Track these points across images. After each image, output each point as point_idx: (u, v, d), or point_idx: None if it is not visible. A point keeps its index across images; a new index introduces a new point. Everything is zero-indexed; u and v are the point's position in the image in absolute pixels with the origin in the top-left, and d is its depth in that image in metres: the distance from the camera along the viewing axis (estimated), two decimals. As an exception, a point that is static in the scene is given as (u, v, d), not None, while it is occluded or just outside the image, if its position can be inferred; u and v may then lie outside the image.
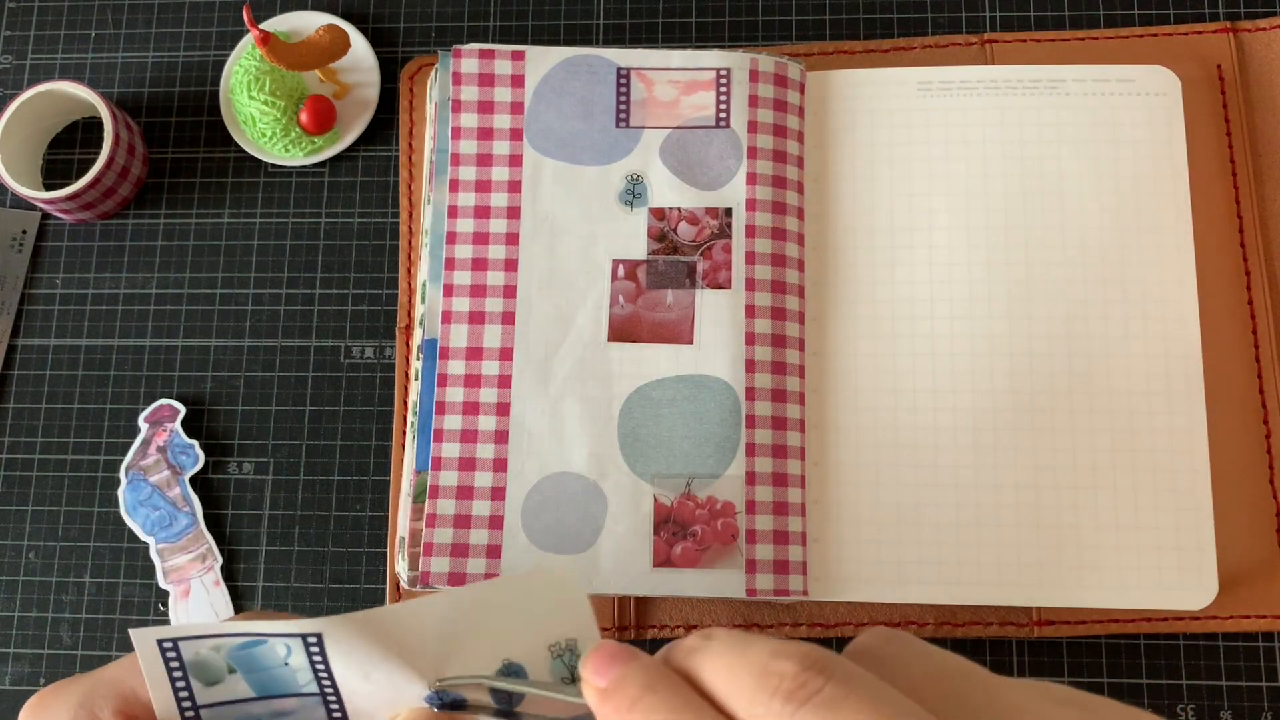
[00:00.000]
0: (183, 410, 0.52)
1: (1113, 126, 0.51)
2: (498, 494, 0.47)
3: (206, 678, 0.31)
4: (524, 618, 0.31)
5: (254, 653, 0.31)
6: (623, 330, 0.49)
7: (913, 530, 0.47)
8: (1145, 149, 0.50)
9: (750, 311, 0.48)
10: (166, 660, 0.31)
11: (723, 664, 0.26)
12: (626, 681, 0.27)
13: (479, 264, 0.49)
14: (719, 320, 0.48)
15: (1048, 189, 0.50)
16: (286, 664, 0.31)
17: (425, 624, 0.30)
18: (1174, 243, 0.49)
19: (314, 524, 0.51)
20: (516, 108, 0.51)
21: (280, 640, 0.31)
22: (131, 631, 0.30)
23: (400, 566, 0.48)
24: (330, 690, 0.32)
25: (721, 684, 0.26)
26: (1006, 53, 0.53)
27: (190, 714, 0.32)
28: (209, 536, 0.51)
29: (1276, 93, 0.52)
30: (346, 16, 0.56)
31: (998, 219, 0.50)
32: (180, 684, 0.31)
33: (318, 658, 0.31)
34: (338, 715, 0.32)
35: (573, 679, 0.32)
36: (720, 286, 0.49)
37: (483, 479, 0.47)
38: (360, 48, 0.56)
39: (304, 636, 0.30)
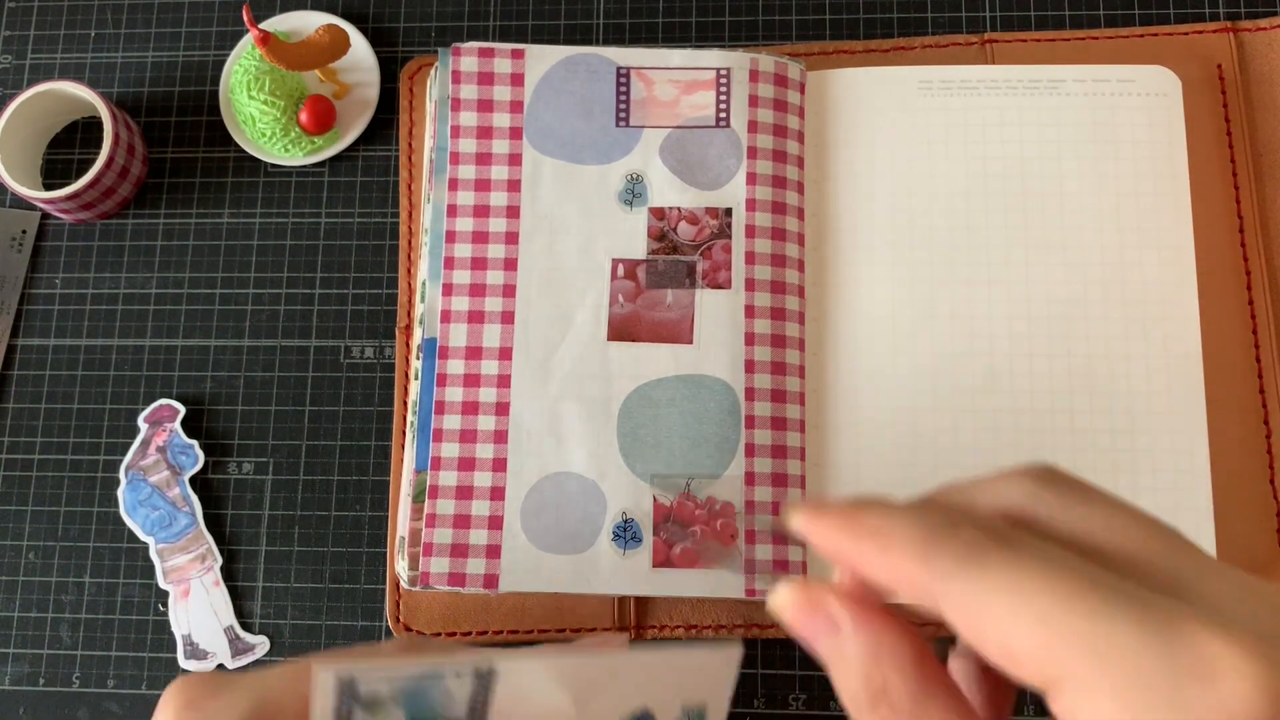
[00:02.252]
0: (182, 410, 0.52)
1: (1113, 126, 0.50)
2: (497, 494, 0.47)
3: (371, 709, 0.31)
4: (674, 678, 0.31)
5: (423, 686, 0.30)
6: (622, 330, 0.49)
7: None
8: (1145, 149, 0.50)
9: (750, 312, 0.48)
10: (340, 694, 0.29)
11: (952, 484, 0.27)
12: (843, 499, 0.26)
13: (478, 263, 0.49)
14: (718, 320, 0.48)
15: (1048, 189, 0.50)
16: (451, 697, 0.31)
17: (588, 671, 0.30)
18: (1174, 243, 0.49)
19: (314, 524, 0.51)
20: (516, 106, 0.51)
21: (454, 673, 0.30)
22: (315, 665, 0.28)
23: (400, 566, 0.48)
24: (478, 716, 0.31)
25: (962, 486, 0.27)
26: (1006, 53, 0.53)
27: None
28: (209, 536, 0.51)
29: (1276, 93, 0.52)
30: (346, 16, 0.56)
31: (998, 218, 0.50)
32: (345, 714, 0.30)
33: (479, 692, 0.30)
34: None
35: None
36: (720, 286, 0.49)
37: (482, 479, 0.47)
38: (360, 48, 0.56)
39: (476, 669, 0.30)
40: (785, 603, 0.27)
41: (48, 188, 0.55)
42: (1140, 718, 0.21)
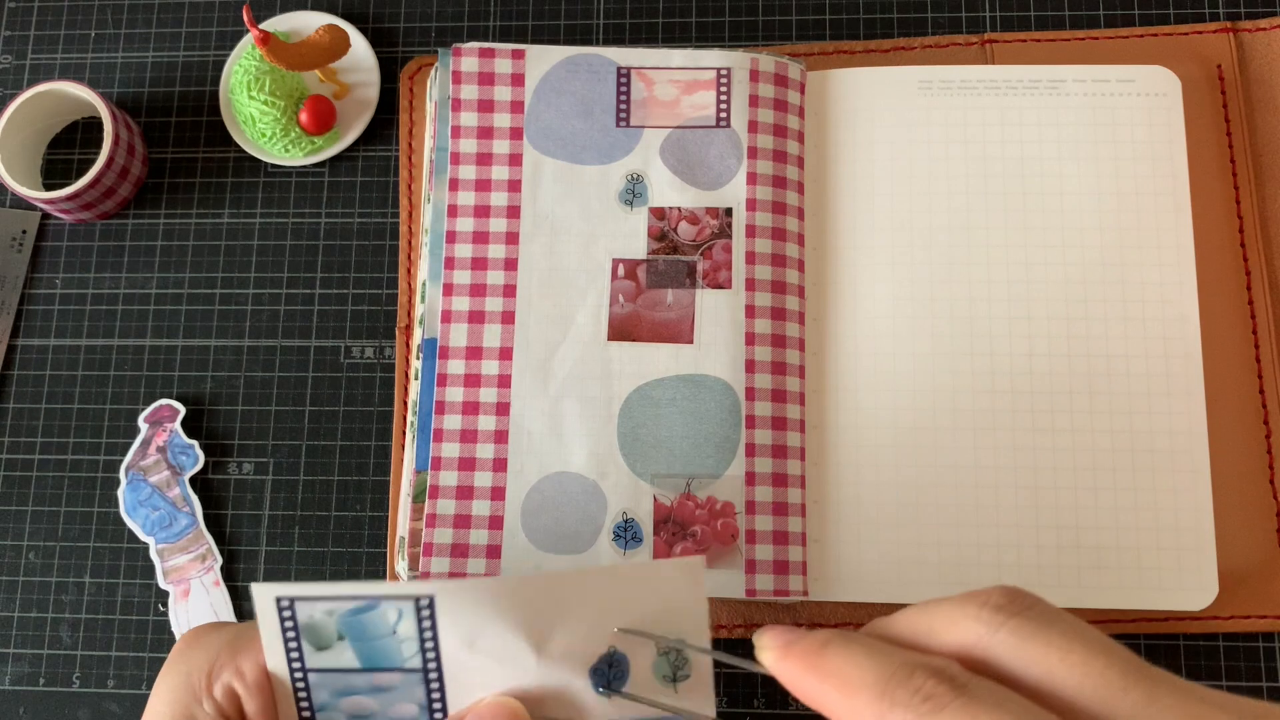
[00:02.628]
0: (182, 410, 0.52)
1: (1113, 127, 0.51)
2: (497, 494, 0.47)
3: (318, 641, 0.32)
4: (637, 608, 0.32)
5: (365, 619, 0.32)
6: (623, 330, 0.49)
7: (913, 530, 0.47)
8: (1145, 149, 0.50)
9: (750, 311, 0.48)
10: (282, 619, 0.32)
11: (918, 607, 0.27)
12: (810, 636, 0.27)
13: (479, 263, 0.49)
14: (719, 320, 0.48)
15: (1048, 189, 0.50)
16: (394, 632, 0.32)
17: (536, 596, 0.31)
18: (1174, 243, 0.49)
19: (314, 524, 0.51)
20: (516, 106, 0.51)
21: (392, 605, 0.31)
22: (253, 586, 0.32)
23: (400, 566, 0.47)
24: (434, 665, 0.32)
25: (919, 617, 0.27)
26: (1006, 53, 0.53)
27: (300, 677, 0.33)
28: (209, 536, 0.51)
29: (1276, 93, 0.52)
30: (346, 16, 0.56)
31: (997, 219, 0.50)
32: (293, 644, 0.32)
33: (427, 624, 0.32)
34: (436, 695, 0.33)
35: (674, 679, 0.32)
36: (720, 286, 0.49)
37: (482, 479, 0.47)
38: (360, 48, 0.56)
39: (416, 599, 0.31)
40: None
41: (48, 188, 0.55)
42: None
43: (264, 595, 0.32)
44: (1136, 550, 0.47)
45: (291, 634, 0.32)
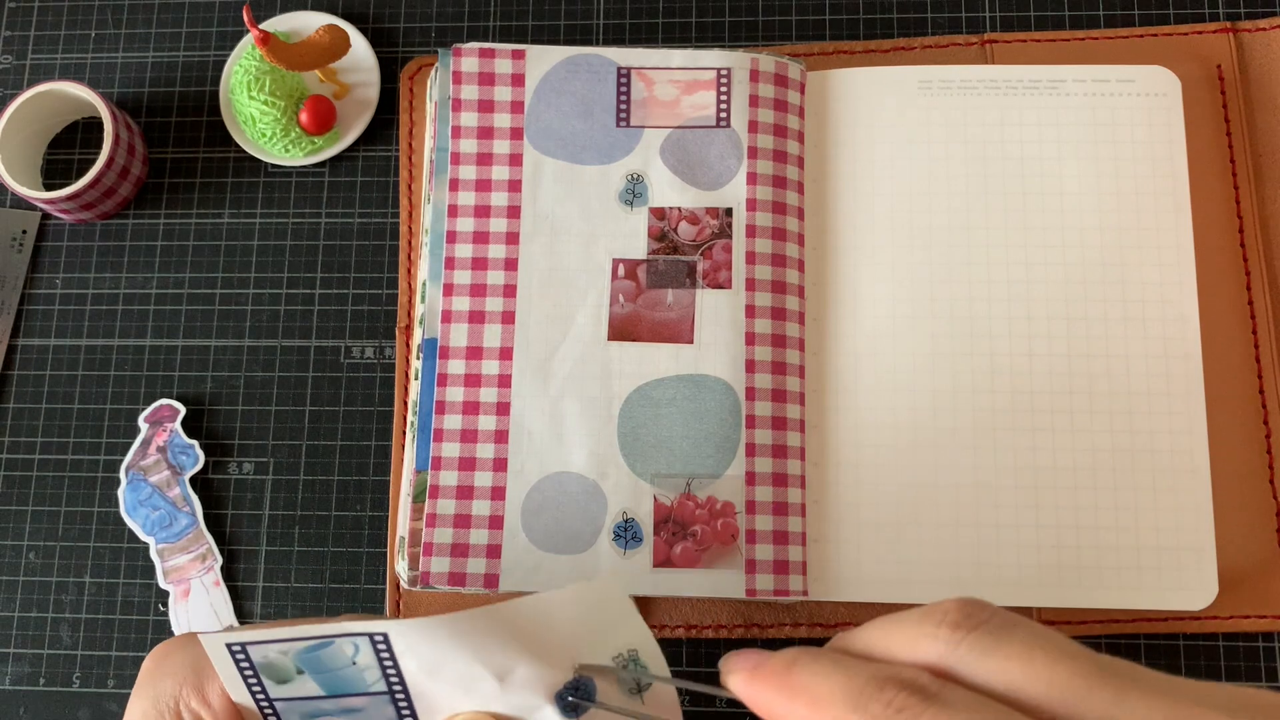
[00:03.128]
0: (183, 410, 0.52)
1: (1113, 126, 0.51)
2: (497, 494, 0.47)
3: (277, 677, 0.32)
4: (584, 628, 0.32)
5: (321, 654, 0.32)
6: (623, 330, 0.49)
7: (913, 530, 0.47)
8: (1145, 149, 0.50)
9: (750, 311, 0.48)
10: (237, 662, 0.32)
11: (876, 625, 0.27)
12: (776, 656, 0.27)
13: (479, 263, 0.49)
14: (719, 320, 0.48)
15: (1048, 189, 0.50)
16: (354, 663, 0.32)
17: (489, 630, 0.31)
18: (1174, 243, 0.49)
19: (314, 524, 0.51)
20: (517, 106, 0.51)
21: (348, 640, 0.31)
22: (200, 636, 0.31)
23: (400, 566, 0.47)
24: (399, 688, 0.32)
25: (878, 637, 0.26)
26: (1006, 53, 0.53)
27: (266, 707, 0.33)
28: (209, 536, 0.51)
29: (1276, 93, 0.52)
30: (346, 16, 0.56)
31: (997, 219, 0.50)
32: (253, 682, 0.32)
33: (385, 657, 0.32)
34: (406, 713, 0.33)
35: (639, 689, 0.32)
36: (720, 286, 0.49)
37: (482, 479, 0.47)
38: (360, 48, 0.56)
39: (370, 635, 0.31)
40: None
41: (48, 188, 0.55)
42: None
43: (214, 645, 0.32)
44: (1136, 550, 0.47)
45: (250, 674, 0.32)
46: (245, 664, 0.32)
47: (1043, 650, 0.24)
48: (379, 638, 0.31)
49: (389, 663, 0.32)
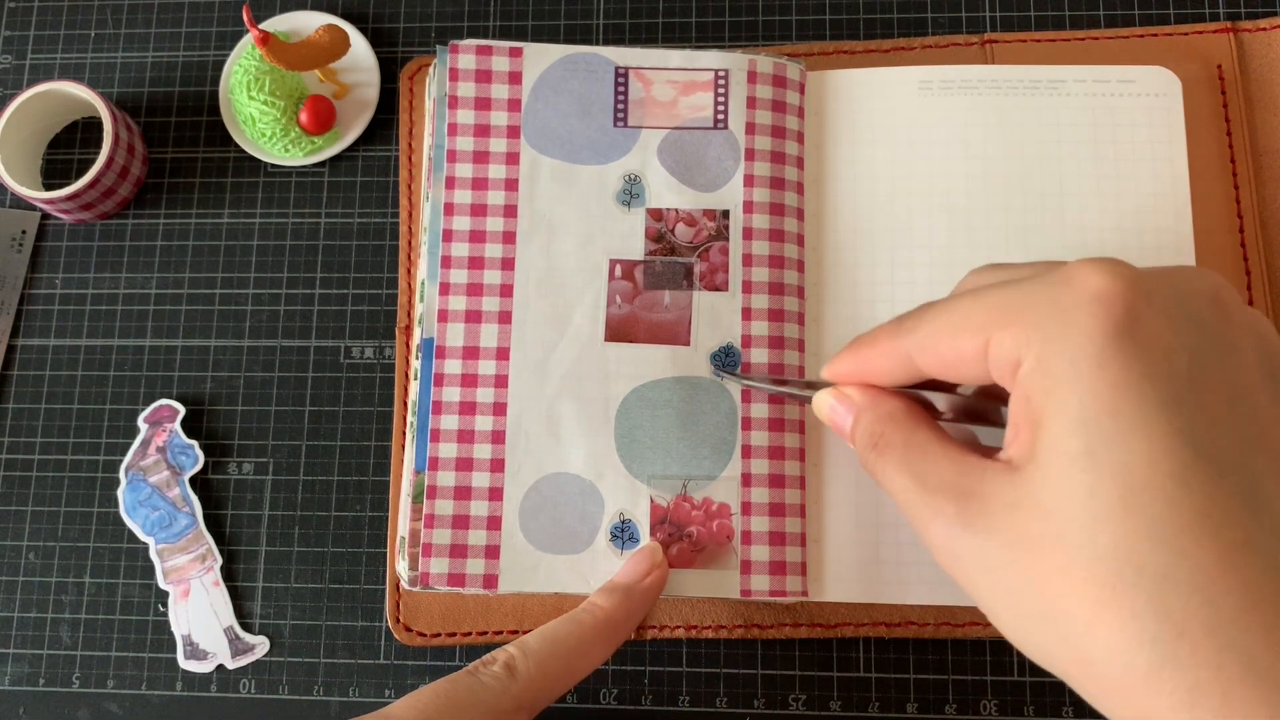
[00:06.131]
0: (182, 410, 0.52)
1: (1113, 127, 0.50)
2: (495, 494, 0.47)
3: None
4: None
5: None
6: (620, 330, 0.49)
7: (912, 530, 0.47)
8: (1145, 149, 0.50)
9: (747, 314, 0.48)
10: None
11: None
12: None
13: (475, 262, 0.49)
14: (716, 323, 0.48)
15: (1048, 189, 0.50)
16: None
17: None
18: (1174, 243, 0.49)
19: (314, 524, 0.51)
20: (514, 105, 0.51)
21: None
22: None
23: (400, 567, 0.48)
24: None
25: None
26: (1006, 53, 0.53)
27: None
28: (209, 537, 0.51)
29: (1276, 93, 0.52)
30: (346, 16, 0.56)
31: (998, 219, 0.50)
32: None
33: None
34: None
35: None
36: (717, 289, 0.49)
37: (480, 479, 0.47)
38: (360, 48, 0.56)
39: None
40: (823, 403, 0.40)
41: (48, 188, 0.55)
42: (1034, 332, 0.31)
43: None
44: (1135, 551, 0.46)
45: None
46: None
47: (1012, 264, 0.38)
48: None
49: None
